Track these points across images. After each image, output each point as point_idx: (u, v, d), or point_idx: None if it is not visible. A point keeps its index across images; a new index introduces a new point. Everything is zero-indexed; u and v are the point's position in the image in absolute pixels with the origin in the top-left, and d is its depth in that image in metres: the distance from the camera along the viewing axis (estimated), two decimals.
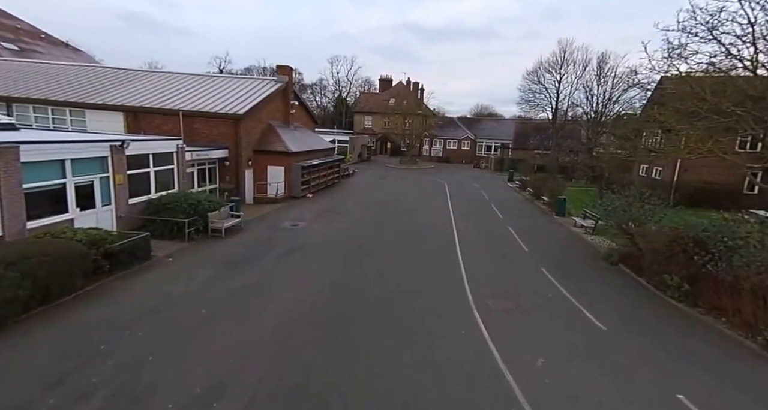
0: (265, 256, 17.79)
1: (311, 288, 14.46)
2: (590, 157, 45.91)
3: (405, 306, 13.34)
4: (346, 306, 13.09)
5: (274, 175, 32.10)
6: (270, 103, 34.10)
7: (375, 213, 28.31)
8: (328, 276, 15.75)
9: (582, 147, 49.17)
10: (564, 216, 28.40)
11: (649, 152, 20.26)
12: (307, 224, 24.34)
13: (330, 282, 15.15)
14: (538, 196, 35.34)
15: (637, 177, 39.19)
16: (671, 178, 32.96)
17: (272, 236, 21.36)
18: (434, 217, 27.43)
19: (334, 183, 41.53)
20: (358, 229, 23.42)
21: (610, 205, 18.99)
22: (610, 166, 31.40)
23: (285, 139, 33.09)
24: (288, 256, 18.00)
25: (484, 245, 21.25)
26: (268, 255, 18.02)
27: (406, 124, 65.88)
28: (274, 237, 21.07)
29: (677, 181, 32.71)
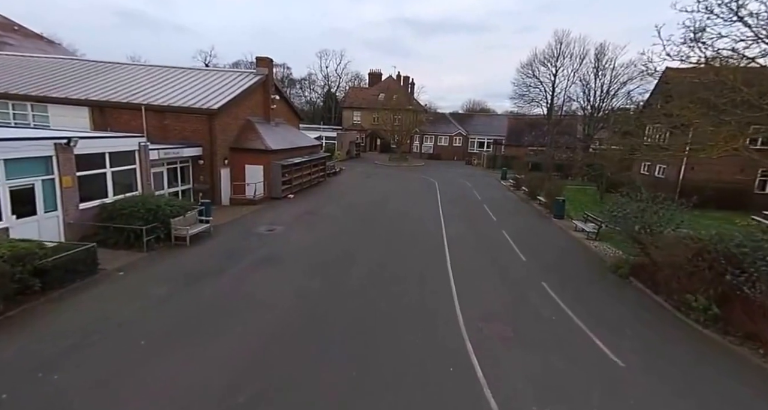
0: (232, 268, 15.77)
1: (281, 309, 12.46)
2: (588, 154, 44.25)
3: (388, 331, 11.39)
4: (319, 335, 11.10)
5: (253, 175, 30.03)
6: (248, 97, 32.01)
7: (359, 216, 26.33)
8: (303, 292, 13.76)
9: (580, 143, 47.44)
10: (562, 219, 26.55)
11: (664, 150, 18.27)
12: (284, 229, 22.33)
13: (304, 300, 13.16)
14: (533, 196, 33.48)
15: (638, 175, 37.44)
16: (676, 176, 31.20)
17: (244, 243, 19.34)
18: (423, 220, 25.49)
19: (319, 182, 39.49)
20: (339, 235, 21.43)
21: (619, 211, 17.05)
22: (612, 165, 29.58)
23: (264, 135, 31.00)
24: (258, 268, 15.98)
25: (477, 254, 19.32)
26: (235, 266, 16.00)
27: (396, 120, 63.80)
28: (246, 245, 19.05)
29: (683, 179, 30.94)
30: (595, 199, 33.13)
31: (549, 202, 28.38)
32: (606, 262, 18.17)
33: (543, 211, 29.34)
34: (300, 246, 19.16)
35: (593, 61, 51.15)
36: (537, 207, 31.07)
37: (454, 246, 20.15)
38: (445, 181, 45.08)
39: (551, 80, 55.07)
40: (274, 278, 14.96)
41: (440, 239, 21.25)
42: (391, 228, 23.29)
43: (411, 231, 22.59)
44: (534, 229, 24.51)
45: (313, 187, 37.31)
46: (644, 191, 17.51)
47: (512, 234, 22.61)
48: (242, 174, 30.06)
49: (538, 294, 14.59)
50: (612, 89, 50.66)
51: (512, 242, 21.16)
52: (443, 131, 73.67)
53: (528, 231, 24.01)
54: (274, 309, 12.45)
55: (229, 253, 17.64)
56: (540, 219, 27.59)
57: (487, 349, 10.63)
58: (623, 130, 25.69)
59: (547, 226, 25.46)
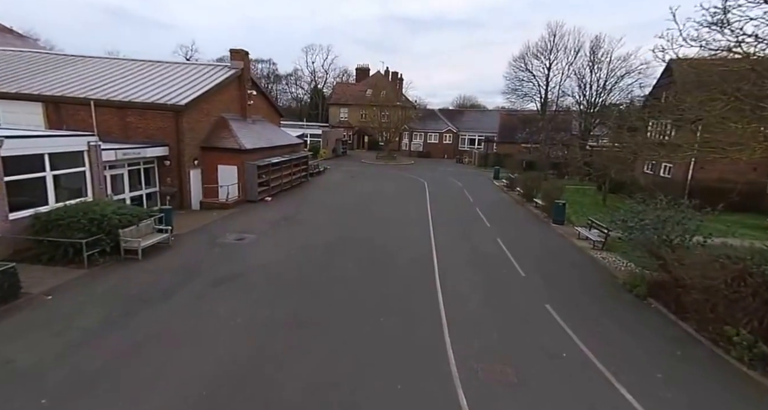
0: (184, 290, 13.48)
1: (229, 353, 10.22)
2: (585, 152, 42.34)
3: (361, 385, 9.18)
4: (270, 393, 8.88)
5: (226, 176, 27.68)
6: (221, 92, 29.63)
7: (340, 222, 24.09)
8: (259, 326, 11.51)
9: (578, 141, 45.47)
10: (563, 225, 24.46)
11: (687, 151, 16.09)
12: (255, 238, 20.06)
13: (258, 339, 10.91)
14: (529, 197, 31.39)
15: (641, 174, 35.48)
16: (684, 176, 29.21)
17: (206, 256, 17.06)
18: (410, 227, 23.29)
19: (300, 182, 37.19)
20: (316, 246, 19.18)
21: (635, 220, 14.89)
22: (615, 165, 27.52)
23: (239, 134, 28.65)
24: (216, 289, 13.71)
25: (470, 268, 17.14)
26: (188, 287, 13.72)
27: (384, 117, 61.46)
28: (208, 259, 16.76)
29: (691, 179, 28.95)
30: (597, 201, 31.11)
31: (547, 205, 26.28)
32: (618, 278, 16.04)
33: (541, 215, 27.24)
34: (269, 260, 16.89)
35: (588, 54, 49.29)
36: (534, 210, 28.97)
37: (444, 259, 17.98)
38: (434, 180, 42.92)
39: (545, 74, 53.20)
40: (231, 305, 12.61)
41: (428, 251, 19.05)
42: (375, 237, 21.07)
43: (396, 242, 20.39)
44: (532, 237, 22.36)
45: (294, 188, 35.01)
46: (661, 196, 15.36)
47: (509, 244, 20.48)
48: (214, 175, 27.72)
49: (543, 320, 12.44)
50: (608, 83, 48.87)
51: (509, 253, 19.00)
52: (433, 128, 71.45)
53: (526, 239, 21.88)
54: (220, 350, 10.20)
55: (185, 269, 15.34)
56: (538, 224, 25.47)
57: (486, 402, 8.47)
58: (630, 126, 23.55)
59: (547, 234, 23.32)
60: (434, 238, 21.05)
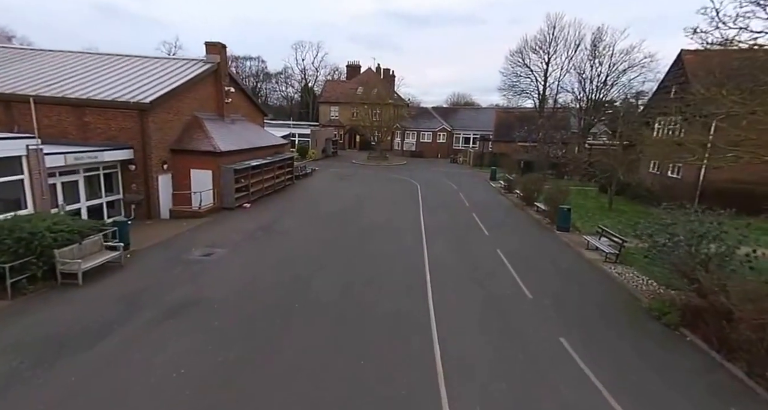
0: (125, 325, 11.12)
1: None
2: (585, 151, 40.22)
3: None
4: None
5: (200, 182, 25.28)
6: (195, 89, 27.24)
7: (324, 232, 21.76)
8: (214, 375, 9.18)
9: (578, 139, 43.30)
10: (568, 232, 22.19)
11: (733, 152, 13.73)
12: (226, 253, 17.72)
13: (208, 395, 8.58)
14: (530, 201, 29.12)
15: (647, 175, 33.27)
16: (696, 177, 26.98)
17: (163, 278, 14.69)
18: (401, 238, 20.97)
19: (285, 186, 34.82)
20: (294, 262, 16.86)
21: (664, 234, 12.54)
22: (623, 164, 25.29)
23: (214, 134, 26.25)
24: (162, 325, 11.31)
25: (468, 288, 14.84)
26: (131, 321, 11.36)
27: (375, 115, 59.01)
28: (166, 281, 14.41)
29: (704, 180, 26.73)
30: (602, 205, 28.86)
31: (551, 210, 24.00)
32: (641, 301, 13.74)
33: (543, 221, 24.95)
34: (237, 282, 14.54)
35: (589, 48, 47.10)
36: (535, 215, 26.69)
37: (439, 276, 15.67)
38: (428, 182, 40.59)
39: (543, 69, 50.90)
40: (174, 349, 10.17)
41: (420, 268, 16.72)
42: (361, 250, 18.74)
43: (384, 257, 18.04)
44: (536, 248, 20.07)
45: (278, 192, 32.64)
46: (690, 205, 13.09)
47: (510, 256, 18.20)
48: (187, 181, 25.31)
49: (559, 362, 10.13)
50: (610, 79, 46.72)
51: (512, 269, 16.71)
52: (426, 127, 69.07)
53: (529, 250, 19.59)
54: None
55: (133, 297, 12.96)
56: (541, 232, 23.17)
57: None
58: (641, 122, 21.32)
59: (552, 243, 21.02)
60: (427, 251, 18.74)
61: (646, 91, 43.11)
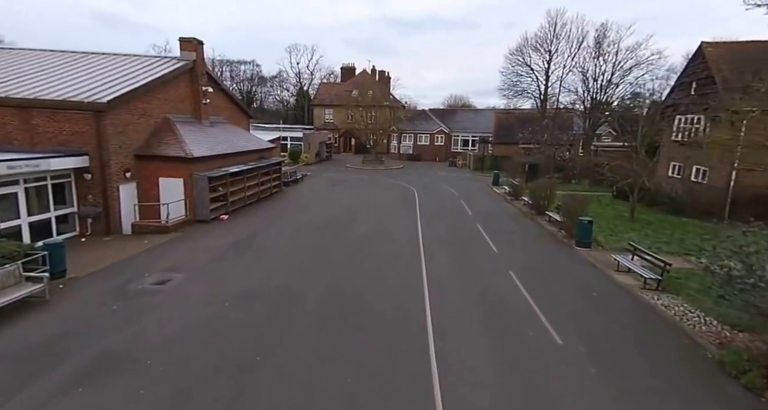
0: (15, 398, 7.89)
1: None
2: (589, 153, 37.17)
3: None
4: None
5: (170, 191, 22.03)
6: (167, 89, 24.02)
7: (307, 249, 18.51)
8: None
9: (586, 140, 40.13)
10: (590, 248, 18.94)
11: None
12: (185, 279, 14.48)
13: None
14: (540, 210, 25.88)
15: (665, 178, 30.03)
16: (726, 181, 23.74)
17: (92, 319, 11.40)
18: (395, 257, 17.75)
19: (272, 193, 31.54)
20: (264, 291, 13.63)
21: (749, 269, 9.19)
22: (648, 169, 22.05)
23: (187, 138, 23.00)
24: (70, 397, 8.07)
25: (480, 330, 11.59)
26: (27, 389, 8.11)
27: (370, 118, 55.69)
28: (94, 324, 11.12)
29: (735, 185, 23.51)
30: (621, 214, 25.59)
31: (568, 222, 20.69)
32: (705, 349, 10.43)
33: (558, 234, 21.69)
34: (187, 324, 11.27)
35: (593, 45, 43.97)
36: (547, 226, 23.40)
37: (441, 312, 12.42)
38: (426, 188, 37.31)
39: (544, 68, 47.76)
40: None
41: (418, 298, 13.48)
42: (347, 275, 15.48)
43: (376, 282, 14.85)
44: (556, 269, 16.77)
45: (263, 200, 29.38)
46: None
47: (526, 281, 14.96)
48: (155, 190, 22.07)
49: None
50: (615, 77, 43.59)
51: (530, 298, 13.46)
52: (423, 129, 65.67)
53: (548, 272, 16.32)
54: None
55: (42, 349, 9.69)
56: (557, 248, 19.85)
57: None
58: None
59: (574, 263, 17.68)
60: (426, 274, 15.47)
61: (646, 91, 40.09)
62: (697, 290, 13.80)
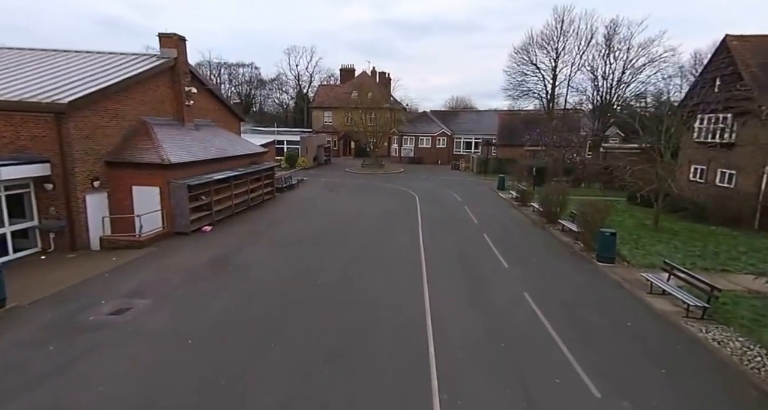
0: None
1: None
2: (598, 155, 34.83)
3: None
4: None
5: (145, 201, 19.76)
6: (144, 89, 21.78)
7: (296, 267, 16.19)
8: None
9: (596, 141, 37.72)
10: (612, 264, 16.55)
11: None
12: (147, 308, 12.17)
13: None
14: (552, 218, 23.53)
15: (686, 183, 27.63)
16: (756, 186, 21.34)
17: (15, 368, 9.07)
18: (394, 276, 15.39)
19: (263, 200, 29.26)
20: (241, 322, 11.33)
21: None
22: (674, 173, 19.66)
23: (164, 143, 20.76)
24: None
25: (496, 377, 9.27)
26: None
27: (370, 120, 53.29)
28: (15, 375, 8.82)
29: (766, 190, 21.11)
30: (642, 222, 23.18)
31: (587, 233, 18.32)
32: None
33: (574, 246, 19.31)
34: (136, 375, 8.91)
35: (603, 42, 41.59)
36: (562, 237, 21.01)
37: (448, 350, 10.07)
38: (428, 193, 34.96)
39: (551, 67, 45.38)
40: None
41: (420, 332, 11.16)
42: (340, 301, 13.16)
43: (372, 309, 12.53)
44: (578, 291, 14.32)
45: (253, 209, 27.07)
46: None
47: (546, 306, 12.59)
48: (128, 201, 19.81)
49: None
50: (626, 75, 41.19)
51: (553, 331, 11.04)
52: (424, 131, 63.26)
53: (570, 294, 13.90)
54: None
55: None
56: (576, 263, 17.37)
57: None
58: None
59: (597, 283, 15.17)
60: (429, 300, 13.10)
61: (663, 89, 37.73)
62: (751, 319, 11.47)
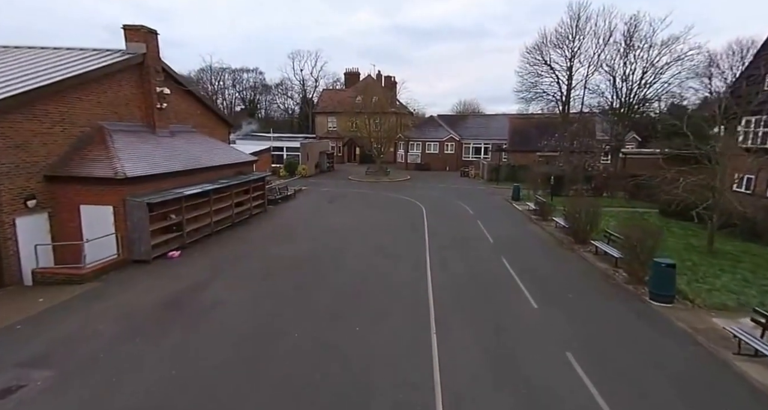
0: None
1: None
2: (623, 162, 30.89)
3: None
4: None
5: (96, 223, 16.10)
6: (101, 89, 18.12)
7: (274, 308, 12.40)
8: None
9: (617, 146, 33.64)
10: (671, 303, 12.53)
11: None
12: (48, 384, 8.44)
13: None
14: (581, 236, 19.58)
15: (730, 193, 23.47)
16: None
17: None
18: (394, 330, 11.48)
19: (252, 215, 25.54)
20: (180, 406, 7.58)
21: None
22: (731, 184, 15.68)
23: (121, 152, 17.09)
24: None
25: None
26: None
27: (375, 125, 49.42)
28: None
29: None
30: (688, 242, 19.16)
31: (634, 264, 14.28)
32: None
33: (614, 275, 15.29)
34: None
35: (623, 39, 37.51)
36: (596, 261, 17.04)
37: None
38: (435, 204, 31.06)
39: (567, 67, 41.32)
40: None
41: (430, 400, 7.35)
42: (320, 372, 9.32)
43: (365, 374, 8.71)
44: (641, 349, 10.25)
45: (238, 225, 23.30)
46: None
47: (599, 377, 8.66)
48: (74, 223, 16.13)
49: None
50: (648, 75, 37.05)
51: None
52: (432, 136, 59.22)
53: (631, 357, 9.95)
54: None
55: None
56: (623, 302, 13.19)
57: None
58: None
59: (662, 335, 11.01)
60: (440, 371, 9.26)
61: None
62: None
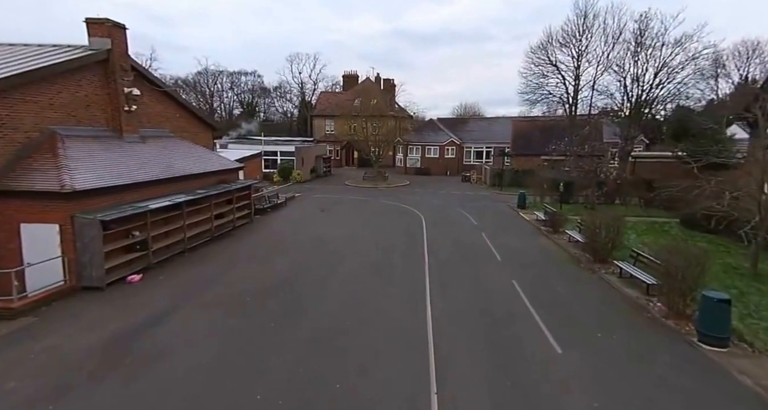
0: None
1: None
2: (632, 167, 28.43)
3: None
4: None
5: (40, 244, 13.59)
6: (53, 90, 15.57)
7: (240, 346, 9.82)
8: None
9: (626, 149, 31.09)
10: (725, 348, 9.95)
11: None
12: None
13: None
14: (602, 255, 17.01)
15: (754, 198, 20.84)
16: None
17: None
18: (385, 384, 8.96)
19: (235, 227, 23.02)
20: None
21: None
22: None
23: (73, 161, 14.58)
24: None
25: None
26: None
27: (373, 128, 46.93)
28: None
29: None
30: (723, 261, 16.56)
31: (674, 296, 11.67)
32: None
33: (648, 306, 12.73)
34: None
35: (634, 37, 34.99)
36: (623, 287, 14.48)
37: None
38: (436, 213, 28.50)
39: (574, 66, 38.79)
40: None
41: None
42: None
43: None
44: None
45: (217, 240, 20.80)
46: None
47: None
48: (14, 244, 13.62)
49: None
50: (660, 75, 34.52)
51: None
52: (432, 140, 56.56)
53: None
54: None
55: None
56: (668, 346, 10.52)
57: None
58: None
59: (724, 397, 8.59)
60: None
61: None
62: None
